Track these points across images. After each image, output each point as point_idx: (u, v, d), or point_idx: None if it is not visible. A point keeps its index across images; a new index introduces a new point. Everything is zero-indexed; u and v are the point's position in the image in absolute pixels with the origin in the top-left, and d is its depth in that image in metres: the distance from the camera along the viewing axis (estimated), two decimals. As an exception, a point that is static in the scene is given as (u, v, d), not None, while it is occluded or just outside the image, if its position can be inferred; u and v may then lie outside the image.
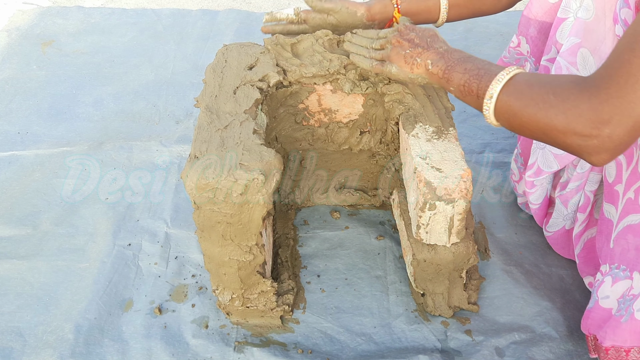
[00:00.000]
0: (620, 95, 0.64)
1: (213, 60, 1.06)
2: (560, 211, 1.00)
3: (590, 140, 0.66)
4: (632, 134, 0.65)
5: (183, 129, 1.41)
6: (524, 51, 1.11)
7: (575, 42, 0.90)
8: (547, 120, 0.70)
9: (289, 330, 0.98)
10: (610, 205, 0.88)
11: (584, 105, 0.66)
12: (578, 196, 0.96)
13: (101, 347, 0.95)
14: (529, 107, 0.72)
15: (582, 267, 1.00)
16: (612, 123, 0.65)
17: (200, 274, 1.07)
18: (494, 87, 0.75)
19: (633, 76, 0.63)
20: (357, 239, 1.13)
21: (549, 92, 0.70)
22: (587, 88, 0.67)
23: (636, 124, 0.64)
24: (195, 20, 1.87)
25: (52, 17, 1.88)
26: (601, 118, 0.65)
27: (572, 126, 0.67)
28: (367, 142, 1.11)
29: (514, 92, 0.74)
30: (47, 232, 1.15)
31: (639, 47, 0.64)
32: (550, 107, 0.69)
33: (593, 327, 0.88)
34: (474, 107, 0.81)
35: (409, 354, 0.93)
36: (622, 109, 0.64)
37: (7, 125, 1.43)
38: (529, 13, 1.03)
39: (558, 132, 0.69)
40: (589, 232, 0.98)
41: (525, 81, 0.74)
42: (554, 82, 0.72)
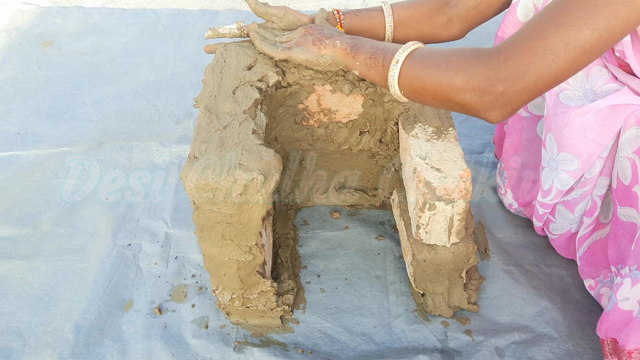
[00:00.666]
0: (517, 57, 0.70)
1: (212, 60, 1.06)
2: (566, 216, 0.99)
3: (485, 96, 0.72)
4: (524, 93, 0.71)
5: (183, 129, 1.41)
6: None
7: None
8: (448, 78, 0.75)
9: (289, 330, 0.98)
10: (629, 208, 0.87)
11: (483, 65, 0.72)
12: (585, 202, 0.95)
13: (101, 347, 0.95)
14: (432, 68, 0.77)
15: (584, 269, 1.00)
16: (507, 81, 0.70)
17: (200, 274, 1.07)
18: (400, 54, 0.81)
19: (531, 42, 0.69)
20: (357, 239, 1.13)
21: (452, 54, 0.76)
22: (488, 51, 0.73)
23: (527, 86, 0.70)
24: (195, 20, 1.87)
25: (52, 17, 1.88)
26: (497, 75, 0.71)
27: (471, 83, 0.73)
28: (366, 142, 1.11)
29: (418, 57, 0.80)
30: (47, 232, 1.15)
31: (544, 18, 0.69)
32: (452, 66, 0.75)
33: (612, 330, 0.85)
34: (377, 81, 0.86)
35: (409, 354, 0.93)
36: (516, 69, 0.70)
37: (7, 125, 1.43)
38: (503, 34, 1.02)
39: (458, 90, 0.74)
40: (595, 235, 0.98)
41: (429, 50, 0.81)
42: (457, 49, 0.77)
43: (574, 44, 0.67)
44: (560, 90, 0.92)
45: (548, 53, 0.68)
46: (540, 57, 0.69)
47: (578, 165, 0.91)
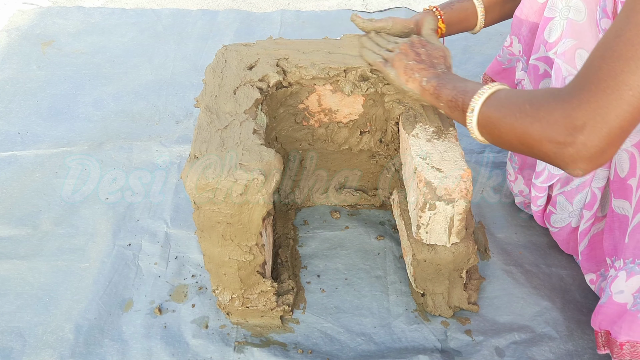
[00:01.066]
0: (592, 100, 0.64)
1: (213, 60, 1.06)
2: (565, 208, 1.00)
3: (565, 148, 0.67)
4: (607, 140, 0.65)
5: (183, 129, 1.41)
6: (516, 51, 1.12)
7: (572, 44, 0.91)
8: (523, 128, 0.71)
9: (289, 330, 0.98)
10: (622, 200, 0.87)
11: (557, 113, 0.67)
12: (584, 193, 0.95)
13: (101, 347, 0.95)
14: (507, 118, 0.74)
15: (585, 264, 1.00)
16: (586, 129, 0.65)
17: (200, 274, 1.07)
18: (476, 100, 0.79)
19: (604, 82, 0.64)
20: (357, 239, 1.13)
21: (525, 102, 0.72)
22: (561, 96, 0.68)
23: (611, 130, 0.64)
24: (195, 20, 1.87)
25: (52, 17, 1.88)
26: (574, 124, 0.65)
27: (547, 133, 0.68)
28: (367, 142, 1.11)
29: (494, 105, 0.77)
30: (47, 232, 1.15)
31: (608, 54, 0.65)
32: (526, 116, 0.71)
33: (605, 322, 0.87)
34: (461, 123, 0.84)
35: (409, 354, 0.93)
36: (594, 114, 0.64)
37: (7, 125, 1.43)
38: (521, 13, 1.05)
39: (534, 141, 0.70)
40: (594, 228, 0.98)
41: (505, 94, 0.77)
42: (531, 93, 0.73)
43: None
44: (567, 75, 0.92)
45: (625, 89, 0.63)
46: (618, 96, 0.63)
47: None
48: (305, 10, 1.94)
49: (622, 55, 0.64)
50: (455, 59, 1.66)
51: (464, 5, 1.10)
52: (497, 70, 1.21)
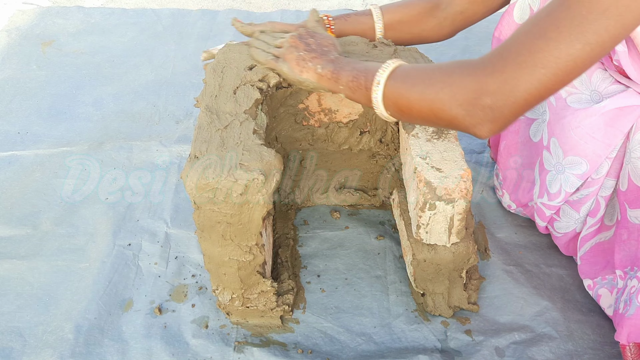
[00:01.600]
0: (505, 70, 0.67)
1: (213, 60, 1.06)
2: (572, 216, 0.99)
3: (473, 110, 0.70)
4: (514, 107, 0.68)
5: (183, 129, 1.41)
6: None
7: None
8: (433, 94, 0.73)
9: (289, 330, 0.98)
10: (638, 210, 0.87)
11: (469, 78, 0.70)
12: (590, 202, 0.95)
13: (101, 347, 0.95)
14: (416, 86, 0.75)
15: (584, 268, 1.00)
16: (495, 94, 0.68)
17: (200, 274, 1.07)
18: (381, 74, 0.79)
19: (521, 55, 0.67)
20: (357, 239, 1.13)
21: (435, 70, 0.74)
22: (473, 64, 0.71)
23: (518, 98, 0.68)
24: (195, 20, 1.87)
25: (52, 17, 1.88)
26: (484, 89, 0.68)
27: (457, 97, 0.70)
28: (367, 142, 1.11)
29: (400, 76, 0.78)
30: (47, 232, 1.15)
31: (533, 30, 0.67)
32: (437, 82, 0.72)
33: (635, 334, 0.84)
34: (363, 102, 0.84)
35: (409, 354, 0.93)
36: (505, 82, 0.67)
37: (7, 125, 1.43)
38: (500, 34, 1.04)
39: (444, 105, 0.72)
40: (599, 237, 0.97)
41: (411, 67, 0.79)
42: (440, 64, 0.75)
43: (565, 58, 0.66)
44: (567, 95, 0.92)
45: (539, 67, 0.67)
46: (530, 71, 0.67)
47: (587, 167, 0.91)
48: (305, 10, 1.95)
49: (545, 34, 0.66)
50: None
51: (361, 19, 1.05)
52: None
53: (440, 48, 1.71)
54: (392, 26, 1.04)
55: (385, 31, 1.05)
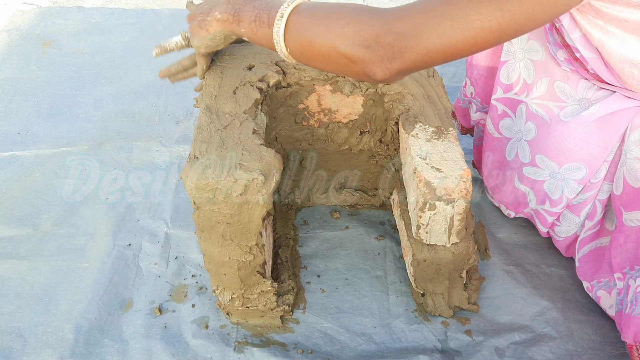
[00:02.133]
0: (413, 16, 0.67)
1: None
2: (572, 220, 0.99)
3: (374, 46, 0.68)
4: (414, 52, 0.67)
5: (183, 129, 1.41)
6: (469, 93, 1.15)
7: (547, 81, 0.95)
8: (338, 29, 0.70)
9: (289, 330, 0.98)
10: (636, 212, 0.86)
11: (377, 17, 0.68)
12: (589, 206, 0.96)
13: (101, 347, 0.95)
14: (321, 20, 0.72)
15: (582, 271, 1.00)
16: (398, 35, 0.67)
17: (200, 274, 1.07)
18: (286, 8, 0.76)
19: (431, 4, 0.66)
20: (357, 239, 1.13)
21: (342, 7, 0.72)
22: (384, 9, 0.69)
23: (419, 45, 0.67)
24: (195, 20, 1.86)
25: (52, 17, 1.88)
26: (389, 28, 0.67)
27: (362, 33, 0.68)
28: (367, 142, 1.11)
29: (306, 10, 0.75)
30: (47, 232, 1.15)
31: None
32: (343, 17, 0.70)
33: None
34: (265, 43, 0.80)
35: (409, 354, 0.93)
36: (411, 26, 0.66)
37: (7, 125, 1.43)
38: (472, 59, 1.08)
39: (346, 40, 0.69)
40: (599, 241, 0.98)
41: (318, 2, 0.76)
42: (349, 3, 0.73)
43: (474, 17, 0.65)
44: (560, 110, 0.94)
45: (446, 19, 0.65)
46: (438, 21, 0.66)
47: (586, 171, 0.92)
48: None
49: None
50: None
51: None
52: (457, 108, 1.24)
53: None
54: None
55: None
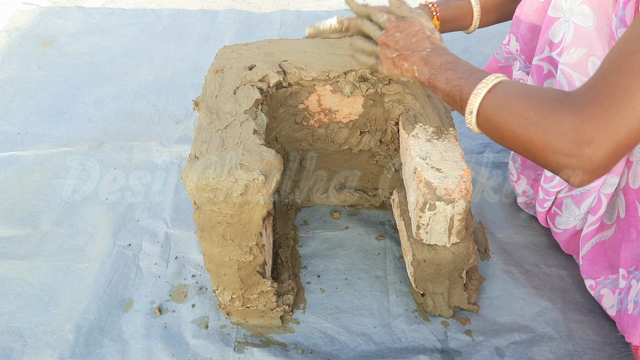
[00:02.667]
0: (604, 116, 0.64)
1: (213, 60, 1.06)
2: (572, 211, 0.99)
3: (570, 159, 0.66)
4: (612, 156, 0.65)
5: (183, 129, 1.41)
6: (513, 49, 1.12)
7: (583, 52, 0.90)
8: (527, 137, 0.69)
9: (289, 330, 0.98)
10: None
11: (565, 124, 0.66)
12: (592, 198, 0.95)
13: (101, 348, 0.95)
14: (509, 124, 0.71)
15: (586, 268, 0.99)
16: (594, 144, 0.64)
17: (200, 274, 1.07)
18: (473, 102, 0.76)
19: (618, 98, 0.63)
20: (357, 239, 1.13)
21: (529, 109, 0.70)
22: (570, 106, 0.66)
23: (618, 146, 0.64)
24: (195, 20, 1.87)
25: (52, 17, 1.88)
26: (582, 138, 0.64)
27: (553, 144, 0.67)
28: (367, 142, 1.11)
29: (494, 108, 0.74)
30: (47, 232, 1.15)
31: (625, 69, 0.64)
32: (531, 123, 0.69)
33: None
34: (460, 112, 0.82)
35: (409, 354, 0.93)
36: (604, 130, 0.63)
37: (7, 125, 1.43)
38: (520, 13, 1.05)
39: (538, 149, 0.69)
40: (600, 236, 0.97)
41: (504, 94, 0.74)
42: (533, 95, 0.71)
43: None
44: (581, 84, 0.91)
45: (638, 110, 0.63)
46: (632, 115, 0.63)
47: None
48: (306, 10, 1.95)
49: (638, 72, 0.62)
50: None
51: (460, 3, 1.11)
52: (494, 68, 1.20)
53: (440, 48, 1.71)
54: (487, 8, 1.10)
55: (482, 15, 1.10)
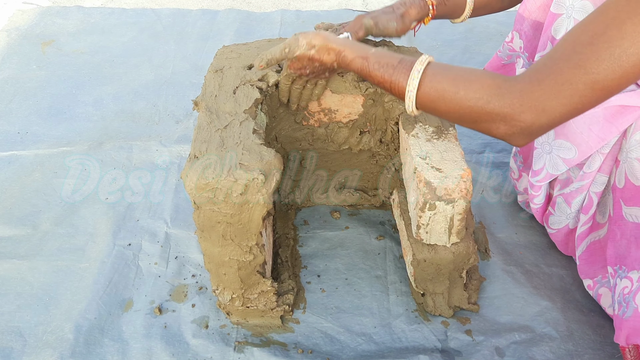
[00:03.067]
0: (544, 86, 0.71)
1: (213, 60, 1.06)
2: (564, 210, 0.99)
3: (513, 122, 0.73)
4: (553, 123, 0.73)
5: (183, 129, 1.41)
6: (517, 47, 1.12)
7: None
8: (473, 102, 0.75)
9: (289, 330, 0.98)
10: (637, 208, 0.86)
11: (510, 93, 0.72)
12: (582, 197, 0.95)
13: (101, 347, 0.95)
14: (455, 81, 0.76)
15: (583, 268, 1.00)
16: (536, 111, 0.71)
17: (200, 274, 1.07)
18: (411, 89, 0.79)
19: (559, 85, 0.70)
20: (357, 239, 1.13)
21: (472, 80, 0.75)
22: (515, 78, 0.73)
23: (560, 115, 0.72)
24: (195, 20, 1.87)
25: (52, 16, 1.88)
26: (526, 104, 0.72)
27: (498, 110, 0.73)
28: (367, 142, 1.11)
29: (433, 84, 0.78)
30: (47, 232, 1.15)
31: (574, 59, 0.70)
32: (478, 90, 0.74)
33: (634, 336, 0.83)
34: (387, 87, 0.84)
35: (409, 354, 0.93)
36: (546, 98, 0.71)
37: (7, 125, 1.43)
38: (524, 10, 1.05)
39: (485, 115, 0.74)
40: (593, 235, 0.97)
41: (440, 71, 0.79)
42: (475, 71, 0.77)
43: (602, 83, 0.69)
44: None
45: (575, 98, 0.70)
46: (568, 101, 0.70)
47: (575, 154, 0.91)
48: (306, 10, 1.95)
49: (593, 51, 0.68)
50: (456, 59, 1.66)
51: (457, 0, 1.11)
52: (496, 66, 1.20)
53: (441, 48, 1.71)
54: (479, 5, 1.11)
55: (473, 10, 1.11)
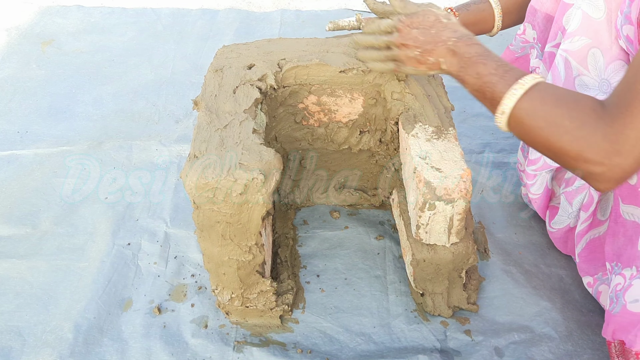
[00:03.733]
0: (635, 127, 0.66)
1: (212, 60, 1.06)
2: (566, 209, 0.99)
3: (599, 168, 0.69)
4: (639, 164, 0.68)
5: (183, 129, 1.41)
6: (530, 38, 1.11)
7: (585, 43, 0.90)
8: (560, 145, 0.72)
9: (288, 330, 0.98)
10: (633, 207, 0.86)
11: (599, 135, 0.69)
12: (583, 195, 0.95)
13: (100, 347, 0.95)
14: (543, 130, 0.73)
15: (582, 266, 1.00)
16: (623, 153, 0.67)
17: (200, 274, 1.07)
18: (507, 102, 0.76)
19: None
20: (356, 238, 1.13)
21: (565, 117, 0.71)
22: (602, 117, 0.69)
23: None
24: (195, 19, 1.87)
25: (51, 16, 1.88)
26: (614, 148, 0.67)
27: (585, 154, 0.70)
28: (366, 142, 1.11)
29: (528, 110, 0.74)
30: (47, 231, 1.15)
31: None
32: (565, 132, 0.71)
33: (619, 332, 0.84)
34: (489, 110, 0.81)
35: (409, 354, 0.93)
36: (635, 140, 0.67)
37: (7, 124, 1.43)
38: (536, 2, 1.04)
39: (569, 158, 0.71)
40: (593, 232, 0.98)
41: (540, 98, 0.74)
42: (570, 104, 0.72)
43: None
44: (577, 75, 0.91)
45: None
46: None
47: None
48: (305, 10, 1.95)
49: None
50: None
51: (481, 6, 1.09)
52: (509, 59, 1.18)
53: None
54: (508, 10, 1.08)
55: (503, 16, 1.09)
